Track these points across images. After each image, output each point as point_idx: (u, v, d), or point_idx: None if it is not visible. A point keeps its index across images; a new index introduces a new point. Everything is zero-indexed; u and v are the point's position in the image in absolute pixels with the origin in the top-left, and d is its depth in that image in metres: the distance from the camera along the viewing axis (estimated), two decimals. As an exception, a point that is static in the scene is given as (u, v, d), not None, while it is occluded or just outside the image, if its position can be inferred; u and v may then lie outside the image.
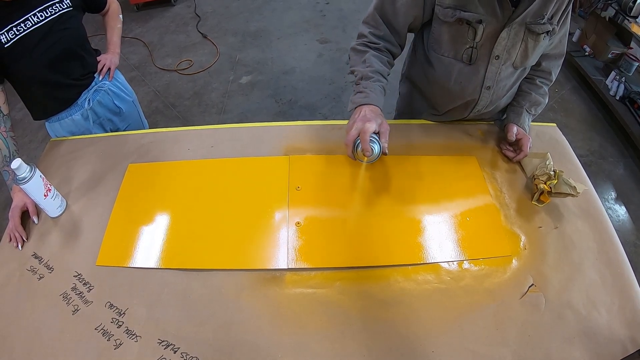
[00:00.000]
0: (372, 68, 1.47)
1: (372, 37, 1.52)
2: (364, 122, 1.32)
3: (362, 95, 1.42)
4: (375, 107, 1.40)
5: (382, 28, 1.52)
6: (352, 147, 1.35)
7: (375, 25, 1.53)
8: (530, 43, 1.42)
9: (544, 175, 1.45)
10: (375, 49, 1.52)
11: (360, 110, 1.39)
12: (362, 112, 1.37)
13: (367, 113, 1.36)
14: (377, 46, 1.52)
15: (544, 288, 1.28)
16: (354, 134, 1.33)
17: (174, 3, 5.81)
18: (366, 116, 1.35)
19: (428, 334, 1.18)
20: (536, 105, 1.65)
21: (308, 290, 1.26)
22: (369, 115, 1.35)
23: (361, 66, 1.50)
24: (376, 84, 1.45)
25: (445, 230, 1.40)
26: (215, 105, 4.14)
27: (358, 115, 1.37)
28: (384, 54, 1.54)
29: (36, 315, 1.22)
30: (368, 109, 1.38)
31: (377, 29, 1.52)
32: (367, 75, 1.46)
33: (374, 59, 1.49)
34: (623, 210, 3.18)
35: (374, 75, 1.46)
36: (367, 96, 1.41)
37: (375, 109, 1.40)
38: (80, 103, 1.89)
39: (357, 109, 1.41)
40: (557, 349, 1.17)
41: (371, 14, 1.52)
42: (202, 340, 1.16)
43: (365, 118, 1.34)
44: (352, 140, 1.34)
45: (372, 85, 1.44)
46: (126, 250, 1.35)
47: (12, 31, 1.52)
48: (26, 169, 1.31)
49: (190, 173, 1.58)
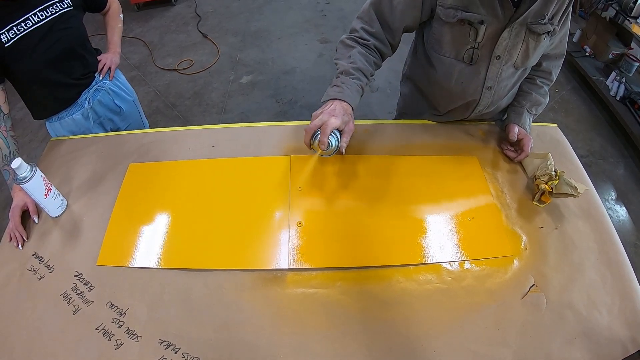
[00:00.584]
0: (355, 65, 1.45)
1: (363, 33, 1.51)
2: (330, 115, 1.32)
3: (337, 89, 1.41)
4: (347, 104, 1.39)
5: (376, 25, 1.50)
6: (311, 135, 1.35)
7: (369, 22, 1.51)
8: (531, 43, 1.42)
9: (545, 175, 1.45)
10: (363, 45, 1.51)
11: (331, 103, 1.38)
12: (332, 105, 1.36)
13: (336, 108, 1.36)
14: (366, 43, 1.50)
15: (545, 288, 1.28)
16: (317, 124, 1.33)
17: (175, 3, 5.81)
18: (334, 110, 1.35)
19: (429, 334, 1.18)
20: (537, 105, 1.65)
21: (309, 290, 1.26)
22: (337, 111, 1.35)
23: (345, 60, 1.48)
24: (355, 81, 1.43)
25: (447, 231, 1.40)
26: (216, 105, 4.14)
27: (327, 108, 1.36)
28: (371, 52, 1.52)
29: (37, 315, 1.21)
30: (340, 104, 1.37)
31: (370, 26, 1.51)
32: (348, 71, 1.44)
33: (359, 57, 1.47)
34: (623, 211, 3.18)
35: (355, 72, 1.44)
36: (342, 92, 1.40)
37: (347, 106, 1.39)
38: (81, 102, 1.89)
39: (329, 101, 1.40)
40: (558, 349, 1.17)
41: (366, 9, 1.51)
42: (203, 340, 1.16)
43: (332, 112, 1.34)
44: (313, 129, 1.34)
45: (350, 82, 1.42)
46: (127, 250, 1.35)
47: (13, 30, 1.52)
48: (27, 168, 1.31)
49: (191, 173, 1.58)
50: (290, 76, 4.47)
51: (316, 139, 1.34)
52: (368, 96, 4.13)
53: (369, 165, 1.57)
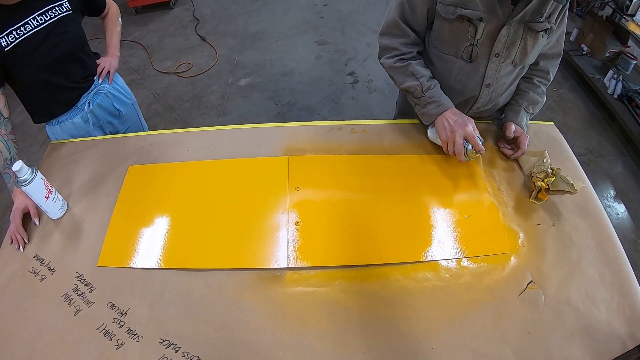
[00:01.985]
0: (425, 76, 1.54)
1: (405, 48, 1.57)
2: (463, 127, 1.44)
3: (434, 105, 1.51)
4: (453, 109, 1.51)
5: (410, 33, 1.55)
6: (463, 154, 1.47)
7: (403, 34, 1.56)
8: (530, 41, 1.44)
9: (542, 172, 1.46)
10: (411, 57, 1.58)
11: (443, 119, 1.49)
12: (449, 120, 1.48)
13: (456, 119, 1.47)
14: (412, 55, 1.58)
15: (542, 285, 1.28)
16: (460, 142, 1.45)
17: (173, 6, 5.81)
18: (457, 122, 1.46)
19: (428, 331, 1.18)
20: (534, 104, 1.66)
21: (308, 289, 1.26)
22: (459, 120, 1.46)
23: (412, 80, 1.55)
24: (436, 88, 1.53)
25: (444, 229, 1.41)
26: (215, 107, 4.15)
27: (448, 124, 1.46)
28: (419, 59, 1.60)
29: (38, 316, 1.22)
30: (450, 113, 1.49)
31: (407, 37, 1.56)
32: (427, 86, 1.53)
33: (419, 68, 1.55)
34: (622, 209, 3.18)
35: (431, 82, 1.53)
36: (440, 104, 1.50)
37: (455, 110, 1.51)
38: (80, 106, 1.90)
39: (438, 119, 1.50)
40: (557, 345, 1.17)
41: (393, 22, 1.55)
42: (203, 339, 1.17)
43: (459, 124, 1.45)
44: (462, 147, 1.46)
45: (435, 92, 1.52)
46: (127, 250, 1.36)
47: (12, 35, 1.53)
48: (27, 171, 1.32)
49: (190, 174, 1.58)
50: (289, 78, 4.47)
51: (468, 148, 1.46)
52: (366, 97, 4.15)
53: (366, 164, 1.58)
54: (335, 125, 1.74)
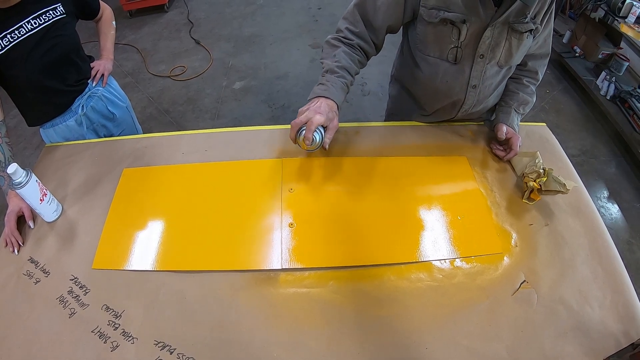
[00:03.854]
0: (339, 64, 1.49)
1: (348, 33, 1.54)
2: (315, 112, 1.37)
3: (323, 87, 1.45)
4: (333, 102, 1.44)
5: (359, 25, 1.53)
6: (296, 130, 1.40)
7: (353, 22, 1.54)
8: (514, 42, 1.45)
9: (534, 173, 1.47)
10: (348, 44, 1.54)
11: (317, 100, 1.43)
12: (318, 102, 1.41)
13: (322, 105, 1.40)
14: (350, 42, 1.54)
15: (536, 284, 1.29)
16: (302, 120, 1.38)
17: (167, 9, 5.82)
18: (320, 107, 1.40)
19: (421, 330, 1.19)
20: (524, 105, 1.67)
21: (302, 290, 1.27)
22: (322, 108, 1.39)
23: (330, 59, 1.52)
24: (339, 79, 1.47)
25: (437, 229, 1.41)
26: (209, 110, 4.15)
27: (313, 105, 1.41)
28: (355, 51, 1.55)
29: (33, 319, 1.22)
30: (325, 102, 1.42)
31: (354, 26, 1.54)
32: (332, 70, 1.49)
33: (344, 55, 1.51)
34: (616, 209, 3.20)
35: (340, 70, 1.49)
36: (327, 89, 1.44)
37: (332, 104, 1.44)
38: (74, 109, 1.90)
39: (314, 99, 1.44)
40: (551, 344, 1.18)
41: (351, 10, 1.54)
42: (198, 340, 1.17)
43: (318, 109, 1.39)
44: (298, 125, 1.39)
45: (335, 80, 1.47)
46: (122, 253, 1.36)
47: (7, 38, 1.53)
48: (22, 173, 1.32)
49: (184, 177, 1.59)
50: (283, 81, 4.48)
51: (301, 134, 1.39)
52: (360, 99, 4.15)
53: (359, 166, 1.59)
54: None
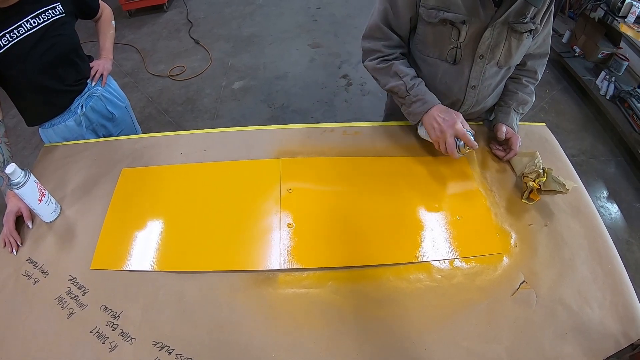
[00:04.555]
0: (408, 75, 1.53)
1: (387, 50, 1.57)
2: (452, 125, 1.43)
3: (420, 103, 1.50)
4: (439, 105, 1.50)
5: (392, 36, 1.55)
6: (456, 148, 1.45)
7: (385, 37, 1.56)
8: (514, 42, 1.45)
9: (533, 173, 1.46)
10: (394, 58, 1.57)
11: (430, 118, 1.48)
12: (436, 118, 1.47)
13: (443, 117, 1.46)
14: (395, 56, 1.57)
15: (535, 285, 1.29)
16: (451, 141, 1.43)
17: (166, 9, 5.81)
18: (446, 120, 1.45)
19: (421, 331, 1.19)
20: (523, 104, 1.67)
21: (301, 291, 1.27)
22: (447, 118, 1.45)
23: (395, 80, 1.55)
24: (421, 86, 1.53)
25: (437, 230, 1.41)
26: (208, 110, 4.15)
27: (436, 123, 1.46)
28: (402, 60, 1.59)
29: (32, 320, 1.22)
30: (437, 110, 1.48)
31: (390, 40, 1.56)
32: (411, 85, 1.52)
33: (403, 67, 1.55)
34: (615, 209, 3.20)
35: (415, 80, 1.53)
36: (426, 101, 1.50)
37: (441, 106, 1.49)
38: (74, 109, 1.90)
39: (425, 118, 1.49)
40: (550, 344, 1.17)
41: (375, 26, 1.55)
42: (196, 341, 1.17)
43: (448, 122, 1.44)
44: (454, 145, 1.44)
45: (420, 89, 1.52)
46: (120, 253, 1.35)
47: (6, 37, 1.53)
48: (20, 173, 1.32)
49: (183, 177, 1.58)
50: (282, 81, 4.48)
51: (460, 146, 1.45)
52: (359, 99, 4.16)
53: (358, 166, 1.59)
54: (327, 128, 1.74)
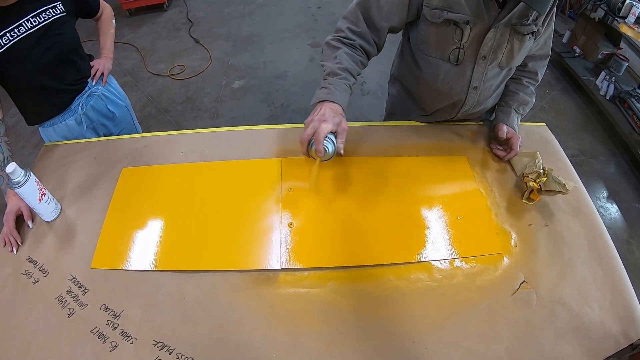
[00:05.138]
0: (342, 65, 1.45)
1: (349, 33, 1.50)
2: (321, 121, 1.32)
3: (326, 91, 1.41)
4: (337, 105, 1.39)
5: (361, 25, 1.49)
6: (306, 145, 1.36)
7: (355, 21, 1.50)
8: (516, 44, 1.45)
9: (534, 173, 1.47)
10: (349, 45, 1.50)
11: (320, 107, 1.38)
12: (321, 109, 1.37)
13: (326, 112, 1.35)
14: (352, 43, 1.50)
15: (535, 285, 1.29)
16: (309, 132, 1.33)
17: (167, 8, 5.81)
18: (324, 115, 1.34)
19: (421, 331, 1.19)
20: (524, 105, 1.67)
21: (302, 290, 1.27)
22: (327, 115, 1.34)
23: (331, 62, 1.47)
24: (342, 81, 1.43)
25: (437, 229, 1.41)
26: (208, 110, 4.15)
27: (317, 113, 1.36)
28: (357, 52, 1.51)
29: (32, 319, 1.22)
30: (329, 106, 1.37)
31: (356, 25, 1.50)
32: (334, 72, 1.44)
33: (345, 57, 1.47)
34: (615, 209, 3.20)
35: (342, 72, 1.44)
36: (330, 93, 1.40)
37: (337, 107, 1.39)
38: (74, 108, 1.90)
39: (318, 105, 1.40)
40: (550, 344, 1.18)
41: (352, 9, 1.50)
42: (197, 340, 1.17)
43: (322, 117, 1.33)
44: (307, 139, 1.34)
45: (338, 83, 1.42)
46: (121, 253, 1.35)
47: (6, 37, 1.52)
48: (21, 173, 1.31)
49: (183, 176, 1.58)
50: (282, 80, 4.48)
51: (312, 146, 1.34)
52: (360, 99, 4.15)
53: (359, 166, 1.59)
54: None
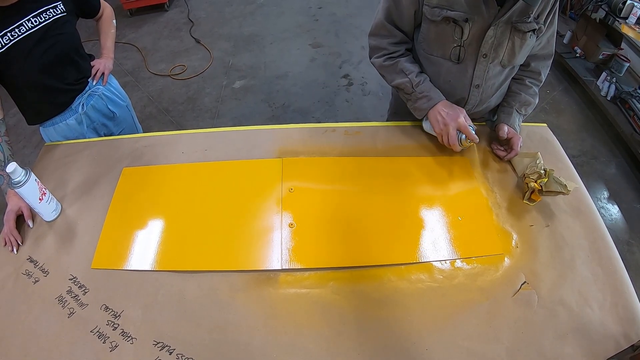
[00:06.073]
0: (413, 72, 1.56)
1: (393, 47, 1.60)
2: (455, 119, 1.48)
3: (425, 99, 1.54)
4: (444, 101, 1.55)
5: (398, 34, 1.58)
6: (457, 143, 1.52)
7: (390, 35, 1.59)
8: (517, 41, 1.45)
9: (535, 174, 1.46)
10: (400, 55, 1.60)
11: (436, 112, 1.52)
12: (441, 113, 1.52)
13: (447, 110, 1.51)
14: (400, 53, 1.60)
15: (536, 285, 1.29)
16: (453, 134, 1.50)
17: (167, 8, 5.82)
18: (449, 114, 1.50)
19: (422, 332, 1.18)
20: (526, 105, 1.67)
21: (302, 291, 1.26)
22: (451, 112, 1.50)
23: (401, 77, 1.58)
24: (426, 83, 1.56)
25: (438, 230, 1.41)
26: (209, 110, 4.15)
27: (441, 117, 1.50)
28: (408, 56, 1.62)
29: (32, 319, 1.21)
30: (442, 106, 1.53)
31: (394, 37, 1.59)
32: (416, 82, 1.55)
33: (408, 64, 1.58)
34: (616, 210, 3.19)
35: (420, 77, 1.56)
36: (430, 98, 1.54)
37: (445, 102, 1.54)
38: (74, 108, 1.90)
39: (430, 113, 1.53)
40: (550, 345, 1.17)
41: (380, 24, 1.58)
42: (197, 341, 1.16)
43: (451, 116, 1.49)
44: (455, 137, 1.51)
45: (426, 86, 1.56)
46: (121, 253, 1.35)
47: (7, 36, 1.52)
48: (21, 172, 1.31)
49: (184, 176, 1.58)
50: (283, 81, 4.48)
51: (461, 139, 1.51)
52: (360, 99, 4.16)
53: (360, 166, 1.59)
54: (329, 128, 1.74)
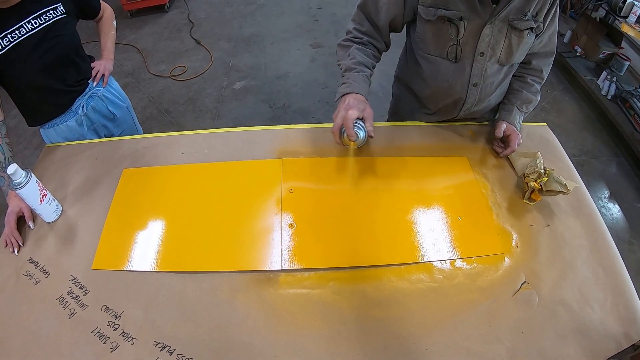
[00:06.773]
0: (355, 60, 1.55)
1: (356, 33, 1.60)
2: (347, 110, 1.40)
3: (345, 85, 1.50)
4: (359, 94, 1.48)
5: (365, 24, 1.58)
6: (339, 134, 1.44)
7: (359, 22, 1.60)
8: (514, 39, 1.45)
9: (535, 173, 1.46)
10: (359, 42, 1.60)
11: (344, 99, 1.46)
12: (346, 101, 1.46)
13: (350, 101, 1.44)
14: (360, 40, 1.60)
15: (536, 285, 1.29)
16: (339, 122, 1.41)
17: (168, 9, 5.81)
18: (349, 104, 1.43)
19: (422, 332, 1.19)
20: (527, 103, 1.67)
21: (302, 291, 1.27)
22: (351, 103, 1.43)
23: (346, 59, 1.58)
24: (359, 74, 1.52)
25: (438, 230, 1.41)
26: (209, 110, 4.14)
27: (342, 105, 1.44)
28: (367, 47, 1.61)
29: (33, 320, 1.22)
30: (351, 97, 1.46)
31: (361, 25, 1.59)
32: (350, 67, 1.54)
33: (357, 52, 1.57)
34: (617, 209, 3.19)
35: (357, 66, 1.54)
36: (350, 85, 1.49)
37: (359, 96, 1.47)
38: (75, 109, 1.90)
39: (341, 99, 1.48)
40: (551, 345, 1.17)
41: (356, 11, 1.60)
42: (198, 341, 1.17)
43: (348, 106, 1.42)
44: (338, 128, 1.42)
45: (355, 76, 1.52)
46: (122, 253, 1.35)
47: (7, 38, 1.53)
48: (22, 174, 1.32)
49: (184, 177, 1.58)
50: (283, 81, 4.48)
51: (343, 134, 1.42)
52: (361, 99, 4.12)
53: (360, 166, 1.59)
54: (328, 128, 1.73)
